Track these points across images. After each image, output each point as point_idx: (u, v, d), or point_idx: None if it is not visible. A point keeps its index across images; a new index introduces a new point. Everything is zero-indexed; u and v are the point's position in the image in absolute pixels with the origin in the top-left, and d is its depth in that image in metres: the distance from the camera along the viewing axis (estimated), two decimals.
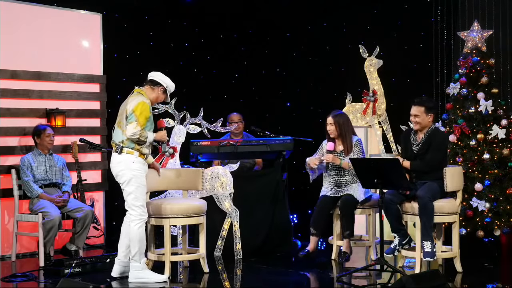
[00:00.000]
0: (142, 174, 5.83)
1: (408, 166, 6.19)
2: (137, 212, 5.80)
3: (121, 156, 5.78)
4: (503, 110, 7.27)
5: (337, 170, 6.69)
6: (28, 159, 6.91)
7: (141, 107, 5.73)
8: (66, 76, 7.62)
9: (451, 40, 8.14)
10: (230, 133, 7.90)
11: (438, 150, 6.14)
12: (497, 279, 6.00)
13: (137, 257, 5.82)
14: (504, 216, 7.04)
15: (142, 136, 5.71)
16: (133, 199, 5.79)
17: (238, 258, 6.81)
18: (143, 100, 5.78)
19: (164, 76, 5.98)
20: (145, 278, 5.81)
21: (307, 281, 6.25)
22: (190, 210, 6.14)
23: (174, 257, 6.24)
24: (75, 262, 6.15)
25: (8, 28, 7.22)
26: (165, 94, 5.98)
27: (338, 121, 6.70)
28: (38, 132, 7.01)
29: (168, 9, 8.70)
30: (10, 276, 6.16)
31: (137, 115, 5.71)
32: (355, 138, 6.73)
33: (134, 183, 5.77)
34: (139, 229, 5.80)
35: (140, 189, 5.80)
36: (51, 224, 6.59)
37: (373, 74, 7.93)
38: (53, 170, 7.00)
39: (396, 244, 6.18)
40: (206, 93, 8.80)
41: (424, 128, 6.21)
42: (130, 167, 5.77)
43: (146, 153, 5.89)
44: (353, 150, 6.67)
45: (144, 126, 5.75)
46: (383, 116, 7.95)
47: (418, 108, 6.17)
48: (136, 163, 5.78)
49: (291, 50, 9.25)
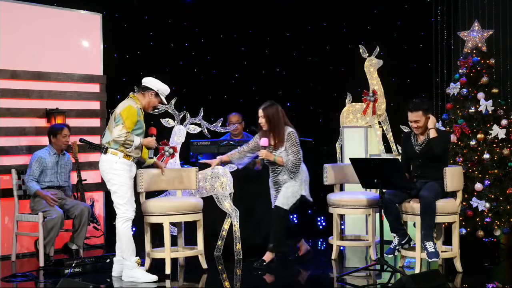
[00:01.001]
0: (124, 174, 5.89)
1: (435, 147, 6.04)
2: (120, 211, 5.91)
3: (105, 156, 5.92)
4: (503, 110, 7.27)
5: (273, 167, 6.55)
6: (45, 158, 6.87)
7: (127, 111, 5.86)
8: (66, 76, 7.62)
9: (451, 40, 8.14)
10: (230, 133, 7.90)
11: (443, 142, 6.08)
12: (497, 279, 6.01)
13: (126, 255, 5.91)
14: (504, 216, 7.04)
15: (127, 139, 5.81)
16: (117, 198, 5.91)
17: (238, 258, 6.81)
18: (130, 105, 5.91)
19: (155, 81, 6.04)
20: (135, 277, 5.89)
21: (307, 281, 6.25)
22: (186, 207, 6.25)
23: (173, 253, 6.30)
24: (75, 262, 6.16)
25: (8, 28, 7.23)
26: (158, 97, 6.05)
27: (267, 114, 6.46)
28: (55, 132, 6.99)
29: (168, 9, 8.70)
30: (10, 276, 6.17)
31: (124, 118, 5.83)
32: (288, 130, 6.46)
33: (116, 182, 5.88)
34: (124, 227, 5.90)
35: (123, 188, 5.88)
36: (53, 223, 6.59)
37: (373, 74, 7.93)
38: (63, 171, 7.02)
39: (396, 244, 6.17)
40: (206, 93, 8.80)
41: (425, 130, 6.21)
42: (112, 167, 5.88)
43: (134, 156, 5.95)
44: (285, 145, 6.44)
45: (131, 130, 5.84)
46: (383, 116, 7.96)
47: (416, 113, 6.14)
48: (119, 164, 5.88)
49: (291, 50, 9.25)
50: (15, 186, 6.96)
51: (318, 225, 8.83)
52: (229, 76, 9.14)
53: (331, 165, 7.13)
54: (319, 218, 8.83)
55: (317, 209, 7.65)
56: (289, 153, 6.45)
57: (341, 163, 7.95)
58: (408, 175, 6.23)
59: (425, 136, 6.20)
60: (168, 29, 8.71)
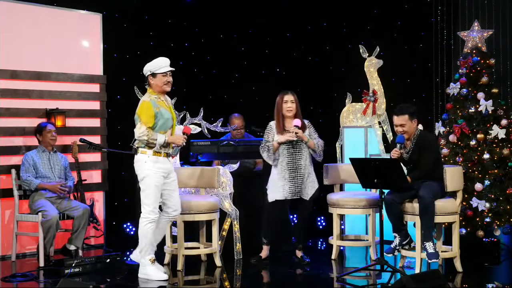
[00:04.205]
0: (153, 174, 5.85)
1: (410, 180, 6.08)
2: (145, 210, 5.90)
3: (137, 156, 5.92)
4: (503, 110, 7.27)
5: (296, 151, 6.50)
6: (32, 156, 6.91)
7: (141, 107, 5.84)
8: (66, 76, 7.62)
9: (451, 40, 8.15)
10: (231, 133, 7.90)
11: (429, 151, 6.10)
12: (497, 279, 6.01)
13: (143, 253, 5.95)
14: (504, 216, 7.04)
15: (149, 137, 5.77)
16: (144, 197, 5.91)
17: (238, 258, 6.81)
18: (143, 100, 5.88)
19: (147, 65, 5.95)
20: (147, 274, 5.94)
21: (307, 281, 6.25)
22: (205, 207, 6.37)
23: (187, 250, 6.41)
24: (75, 262, 6.16)
25: (8, 28, 7.23)
26: (157, 75, 5.89)
27: (296, 99, 6.62)
28: (39, 130, 7.03)
29: (168, 9, 8.70)
30: (10, 276, 6.16)
31: (140, 116, 5.81)
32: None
33: (145, 182, 5.87)
34: (146, 227, 5.89)
35: (151, 189, 5.85)
36: (49, 224, 6.59)
37: (373, 74, 7.94)
38: (57, 168, 7.01)
39: (396, 244, 6.17)
40: (206, 93, 8.80)
41: (411, 134, 6.19)
42: (142, 167, 5.87)
43: (166, 152, 5.90)
44: (309, 131, 6.58)
45: (151, 124, 5.79)
46: (383, 116, 7.96)
47: (403, 117, 6.13)
48: (149, 163, 5.84)
49: (291, 50, 9.25)
50: (15, 186, 6.96)
51: (318, 225, 8.84)
52: (229, 76, 9.13)
53: (331, 165, 7.13)
54: (319, 218, 8.84)
55: (317, 209, 7.64)
56: (314, 137, 6.61)
57: (341, 163, 7.96)
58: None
59: (411, 142, 6.17)
60: (168, 29, 8.71)
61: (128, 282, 5.96)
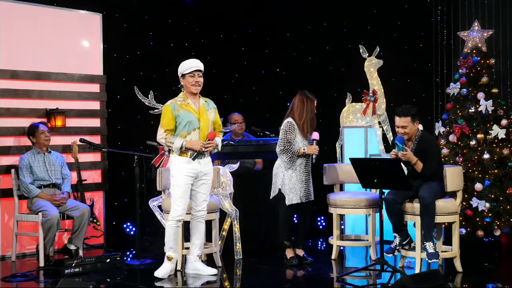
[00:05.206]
0: (179, 174, 5.93)
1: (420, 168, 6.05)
2: (171, 208, 6.02)
3: (169, 157, 6.09)
4: (503, 110, 7.28)
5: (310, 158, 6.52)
6: (28, 159, 6.90)
7: (162, 111, 6.02)
8: (66, 76, 7.62)
9: (451, 40, 8.15)
10: (231, 133, 7.90)
11: (433, 158, 6.09)
12: (497, 279, 6.01)
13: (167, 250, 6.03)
14: (504, 216, 7.04)
15: (167, 140, 5.90)
16: (172, 197, 6.02)
17: (238, 258, 6.81)
18: (165, 105, 6.02)
19: (179, 67, 6.16)
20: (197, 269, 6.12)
21: (307, 281, 6.25)
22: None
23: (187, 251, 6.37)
24: (75, 262, 6.16)
25: (8, 28, 7.22)
26: (186, 76, 6.09)
27: None
28: (32, 131, 7.00)
29: (168, 9, 8.69)
30: (10, 276, 6.16)
31: (161, 119, 5.98)
32: None
33: (172, 181, 6.00)
34: (169, 224, 6.01)
35: (175, 188, 5.96)
36: (50, 223, 6.59)
37: (373, 74, 7.94)
38: (53, 169, 7.00)
39: (396, 244, 6.17)
40: (206, 93, 8.78)
41: (412, 135, 6.19)
42: (171, 166, 6.01)
43: (191, 152, 5.92)
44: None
45: (170, 127, 5.91)
46: (383, 116, 7.96)
47: (405, 119, 6.11)
48: (175, 162, 5.96)
49: (291, 50, 9.25)
50: (15, 186, 6.96)
51: (318, 225, 8.84)
52: (229, 76, 9.13)
53: (331, 165, 7.13)
54: (319, 218, 8.84)
55: (317, 209, 7.65)
56: None
57: (341, 163, 7.95)
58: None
59: (412, 142, 6.17)
60: (168, 29, 8.70)
61: (128, 282, 5.96)
